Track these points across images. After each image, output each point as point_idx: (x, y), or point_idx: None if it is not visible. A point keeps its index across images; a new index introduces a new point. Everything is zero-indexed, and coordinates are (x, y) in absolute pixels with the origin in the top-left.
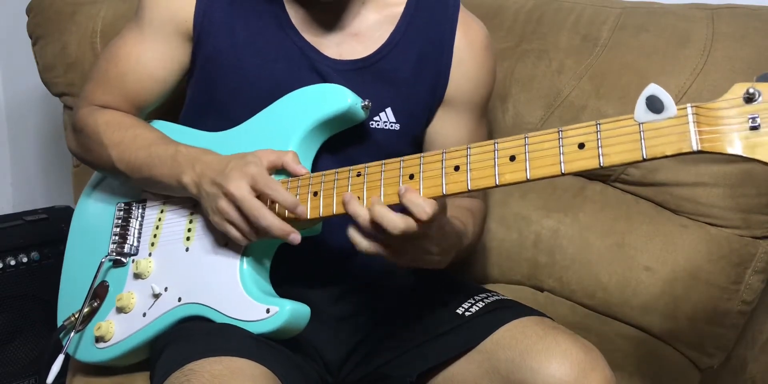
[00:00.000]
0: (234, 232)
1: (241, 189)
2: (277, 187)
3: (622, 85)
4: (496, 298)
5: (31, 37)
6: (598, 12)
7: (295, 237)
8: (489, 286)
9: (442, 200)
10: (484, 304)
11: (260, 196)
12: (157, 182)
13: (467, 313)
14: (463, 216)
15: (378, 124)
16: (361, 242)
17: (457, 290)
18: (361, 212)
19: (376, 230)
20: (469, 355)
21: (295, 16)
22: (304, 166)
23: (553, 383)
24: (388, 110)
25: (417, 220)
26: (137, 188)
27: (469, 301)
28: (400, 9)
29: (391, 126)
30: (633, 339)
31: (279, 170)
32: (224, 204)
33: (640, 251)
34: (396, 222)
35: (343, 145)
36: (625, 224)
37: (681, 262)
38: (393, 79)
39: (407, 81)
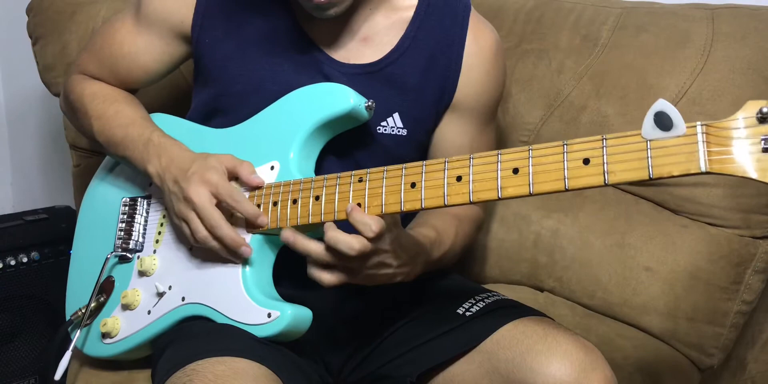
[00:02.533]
0: (187, 232)
1: (200, 196)
2: (239, 198)
3: (622, 85)
4: (497, 298)
5: (31, 37)
6: (598, 12)
7: (246, 250)
8: (489, 286)
9: (394, 215)
10: (484, 304)
11: (219, 204)
12: (129, 163)
13: (468, 313)
14: (442, 223)
15: (385, 130)
16: (324, 276)
17: (458, 290)
18: (312, 247)
19: (334, 257)
20: (470, 356)
21: (303, 19)
22: (306, 165)
23: (553, 383)
24: (396, 116)
25: (365, 237)
26: (143, 183)
27: (470, 301)
28: (410, 13)
29: (399, 131)
30: (633, 339)
31: (284, 173)
32: (183, 208)
33: (640, 251)
34: (351, 242)
35: (349, 148)
36: (625, 224)
37: (681, 262)
38: (401, 85)
39: (415, 86)
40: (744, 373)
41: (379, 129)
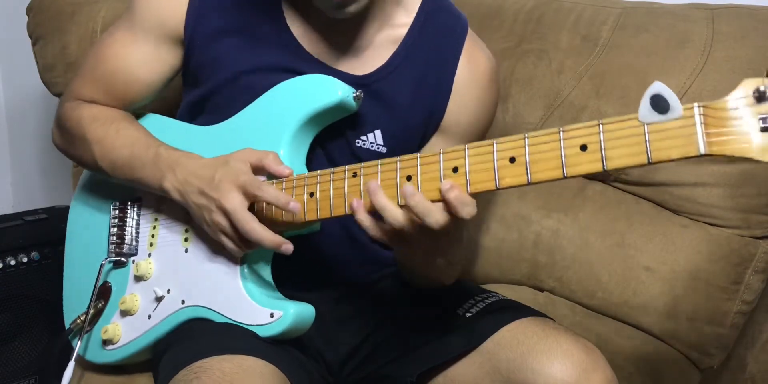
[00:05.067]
0: (229, 244)
1: (234, 201)
2: (266, 189)
3: (622, 85)
4: (497, 298)
5: (31, 37)
6: (598, 12)
7: (287, 247)
8: (489, 286)
9: None
10: (484, 304)
11: (252, 203)
12: (138, 183)
13: (468, 314)
14: None
15: (364, 144)
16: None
17: (458, 291)
18: (395, 213)
19: (408, 223)
20: (470, 356)
21: (295, 25)
22: (297, 159)
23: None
24: (378, 132)
25: (458, 217)
26: (130, 187)
27: (470, 301)
28: (404, 31)
29: (378, 148)
30: (633, 339)
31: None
32: (218, 217)
33: (640, 251)
34: (437, 215)
35: (326, 159)
36: (625, 224)
37: (681, 262)
38: (388, 102)
39: (402, 106)
40: (744, 373)
41: (358, 142)
